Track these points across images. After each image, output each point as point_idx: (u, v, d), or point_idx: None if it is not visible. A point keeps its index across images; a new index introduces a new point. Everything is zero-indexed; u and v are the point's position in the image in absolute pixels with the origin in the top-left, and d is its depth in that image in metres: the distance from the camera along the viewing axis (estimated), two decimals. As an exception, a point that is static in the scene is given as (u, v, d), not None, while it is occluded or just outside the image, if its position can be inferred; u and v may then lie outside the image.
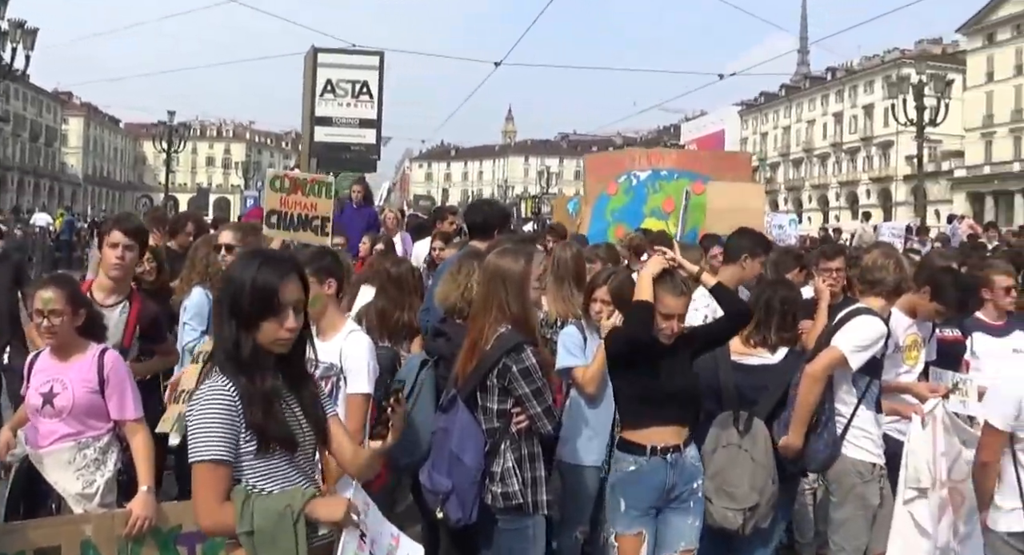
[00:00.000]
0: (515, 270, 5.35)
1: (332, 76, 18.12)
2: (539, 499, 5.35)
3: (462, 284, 6.03)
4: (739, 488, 5.74)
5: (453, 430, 5.32)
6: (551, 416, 5.32)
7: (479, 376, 5.29)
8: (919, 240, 21.07)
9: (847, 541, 6.07)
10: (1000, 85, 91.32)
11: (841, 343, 5.91)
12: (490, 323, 5.30)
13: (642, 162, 15.11)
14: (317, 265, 5.38)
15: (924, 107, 35.00)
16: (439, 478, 5.33)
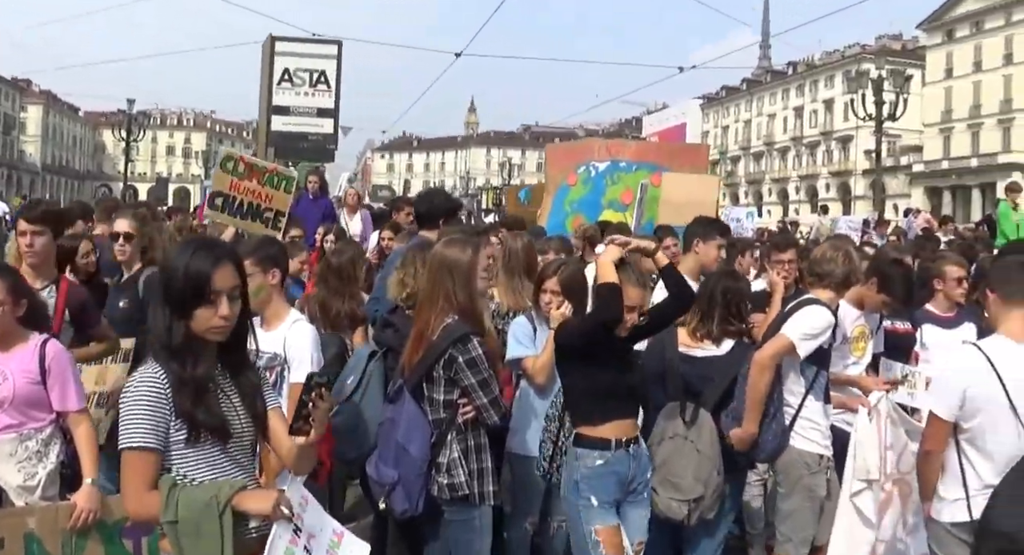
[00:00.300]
0: (462, 260, 5.30)
1: (290, 65, 17.98)
2: (485, 490, 5.31)
3: (411, 274, 5.98)
4: (684, 479, 5.72)
5: (400, 421, 5.27)
6: (498, 407, 5.28)
7: (425, 367, 5.24)
8: (877, 234, 21.18)
9: (794, 532, 6.08)
10: (959, 81, 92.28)
11: (789, 331, 5.90)
12: (436, 313, 5.25)
13: (602, 153, 15.05)
14: (261, 254, 5.32)
15: (883, 102, 35.17)
16: (385, 469, 5.29)
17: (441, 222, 7.83)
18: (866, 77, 38.19)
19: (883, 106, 35.10)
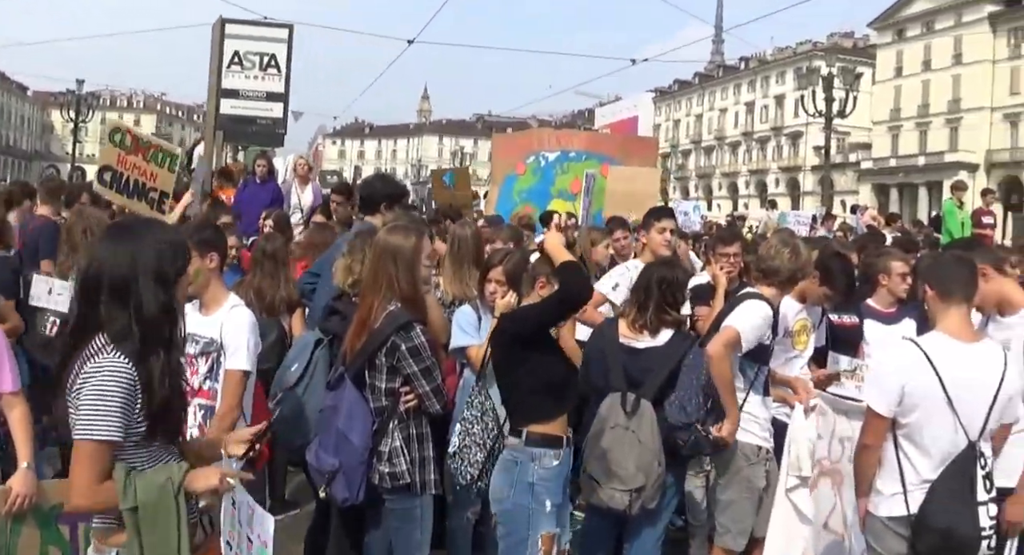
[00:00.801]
0: (405, 246, 5.25)
1: (240, 48, 17.78)
2: (427, 479, 5.28)
3: (358, 260, 5.94)
4: (626, 469, 5.72)
5: (341, 408, 5.22)
6: (440, 395, 5.25)
7: (367, 354, 5.19)
8: (825, 229, 21.35)
9: (733, 523, 6.14)
10: (908, 80, 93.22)
11: (734, 323, 5.92)
12: (379, 300, 5.20)
13: (551, 143, 15.10)
14: (199, 237, 5.25)
15: (833, 99, 35.52)
16: (325, 457, 5.23)
17: (383, 207, 7.78)
18: (817, 74, 38.53)
19: (833, 103, 35.44)
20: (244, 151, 21.79)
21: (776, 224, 23.43)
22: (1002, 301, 5.57)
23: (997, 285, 5.56)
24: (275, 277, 7.54)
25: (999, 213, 20.98)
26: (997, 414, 4.77)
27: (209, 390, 5.22)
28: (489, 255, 6.69)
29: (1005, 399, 4.76)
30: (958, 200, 19.28)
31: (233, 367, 5.11)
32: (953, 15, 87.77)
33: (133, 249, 3.37)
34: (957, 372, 4.78)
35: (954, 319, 4.88)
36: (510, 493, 5.13)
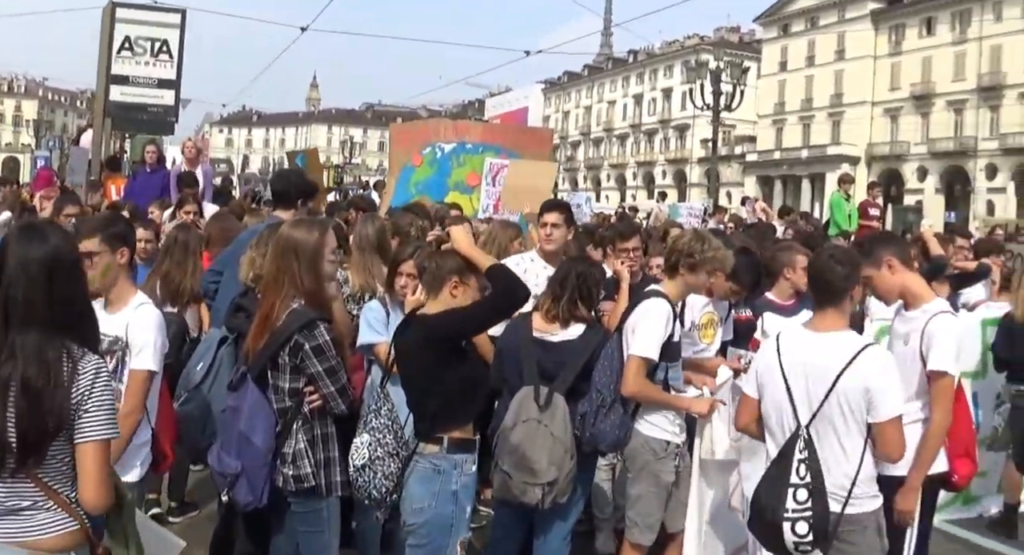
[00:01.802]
0: (307, 242, 5.09)
1: (131, 33, 17.36)
2: (333, 481, 5.13)
3: (263, 255, 5.80)
4: (538, 463, 5.69)
5: (242, 409, 5.04)
6: (345, 395, 5.10)
7: (270, 353, 5.02)
8: (715, 221, 21.59)
9: (640, 517, 6.17)
10: (792, 74, 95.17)
11: (634, 350, 5.95)
12: (282, 298, 5.04)
13: (448, 134, 15.03)
14: (109, 232, 5.05)
15: (720, 92, 35.98)
16: (228, 460, 5.07)
17: (299, 203, 7.67)
18: (704, 68, 38.89)
19: (720, 96, 35.89)
20: (131, 139, 21.34)
21: (667, 216, 23.66)
22: (906, 294, 5.66)
23: (901, 278, 5.63)
24: (183, 266, 7.45)
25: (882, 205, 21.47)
26: (838, 403, 4.81)
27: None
28: (399, 249, 6.60)
29: (852, 389, 4.78)
30: (845, 193, 19.65)
31: (138, 367, 4.94)
32: (836, 12, 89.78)
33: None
34: (797, 358, 4.96)
35: (819, 318, 5.07)
36: (432, 503, 4.98)
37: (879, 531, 4.94)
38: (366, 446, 5.02)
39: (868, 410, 4.79)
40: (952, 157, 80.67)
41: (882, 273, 5.59)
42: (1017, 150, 75.43)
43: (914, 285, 5.64)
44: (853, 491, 4.84)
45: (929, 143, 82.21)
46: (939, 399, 5.42)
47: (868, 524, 4.91)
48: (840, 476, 4.83)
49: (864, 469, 4.86)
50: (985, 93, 78.83)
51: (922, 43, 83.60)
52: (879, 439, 4.83)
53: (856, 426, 4.83)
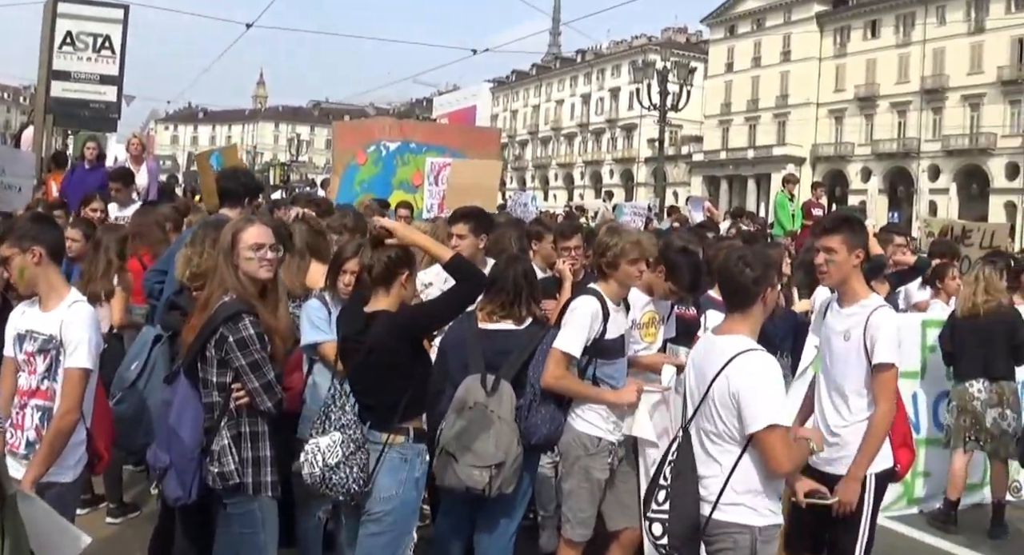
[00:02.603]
0: (224, 240, 5.07)
1: (72, 28, 17.08)
2: (263, 480, 5.03)
3: (199, 253, 5.75)
4: (484, 446, 5.71)
5: (174, 403, 5.04)
6: (271, 392, 5.00)
7: (199, 345, 4.99)
8: (672, 220, 21.67)
9: (572, 512, 6.18)
10: (738, 75, 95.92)
11: (556, 343, 6.00)
12: (217, 291, 5.02)
13: (392, 132, 14.97)
14: (18, 233, 4.99)
15: (667, 93, 36.13)
16: (160, 454, 5.04)
17: (246, 201, 7.61)
18: (652, 68, 39.05)
19: (667, 97, 36.04)
20: (74, 136, 21.06)
21: (612, 215, 23.74)
22: (847, 288, 5.58)
23: (852, 270, 5.57)
24: (95, 264, 7.55)
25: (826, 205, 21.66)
26: (712, 407, 4.74)
27: (47, 390, 4.95)
28: (341, 247, 6.54)
29: (721, 394, 4.69)
30: (789, 193, 19.80)
31: (73, 365, 4.86)
32: (782, 13, 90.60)
33: None
34: (694, 359, 5.02)
35: (726, 315, 5.02)
36: (399, 490, 5.06)
37: (752, 552, 4.72)
38: (339, 444, 4.98)
39: (740, 419, 4.65)
40: (895, 158, 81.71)
41: (849, 258, 5.47)
42: (959, 152, 76.63)
43: (856, 280, 5.58)
44: (723, 497, 4.71)
45: (873, 144, 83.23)
46: (884, 390, 5.41)
47: (740, 539, 4.71)
48: (711, 479, 4.76)
49: (739, 477, 4.70)
50: (928, 95, 79.90)
51: (866, 45, 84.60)
52: (759, 449, 4.66)
53: (728, 432, 4.71)
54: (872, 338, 5.36)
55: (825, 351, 5.74)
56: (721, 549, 4.75)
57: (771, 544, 4.79)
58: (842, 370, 5.52)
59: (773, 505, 4.79)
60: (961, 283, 9.69)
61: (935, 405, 9.44)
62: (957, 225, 17.61)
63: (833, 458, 5.44)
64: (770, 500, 4.76)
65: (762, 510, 4.72)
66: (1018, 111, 73.99)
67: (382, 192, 13.86)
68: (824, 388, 5.67)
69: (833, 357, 5.60)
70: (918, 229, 19.25)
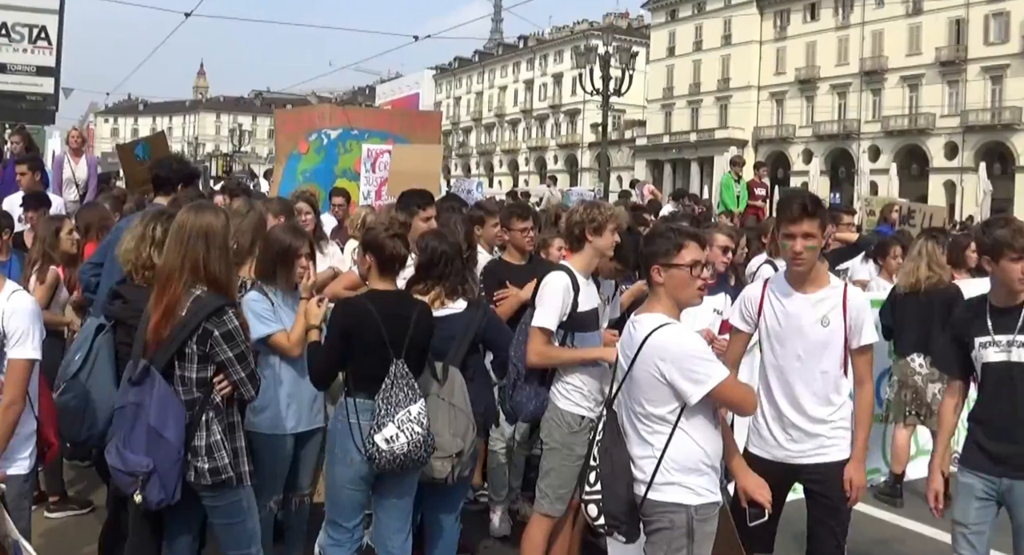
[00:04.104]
0: (215, 227, 5.04)
1: (7, 18, 16.81)
2: (243, 470, 5.08)
3: (147, 243, 5.67)
4: (442, 436, 5.74)
5: (149, 404, 4.88)
6: (255, 381, 5.07)
7: (178, 344, 4.92)
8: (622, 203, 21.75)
9: (552, 489, 6.17)
10: (680, 59, 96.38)
11: (534, 322, 6.09)
12: (185, 285, 4.96)
13: (334, 120, 14.81)
14: None
15: (609, 77, 36.21)
16: (136, 458, 4.88)
17: (179, 188, 7.52)
18: (594, 53, 39.17)
19: (609, 81, 36.12)
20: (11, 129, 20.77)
21: (560, 201, 23.76)
22: (816, 275, 5.38)
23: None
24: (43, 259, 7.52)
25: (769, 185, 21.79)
26: (640, 389, 4.72)
27: None
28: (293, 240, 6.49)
29: (649, 377, 4.67)
30: (736, 174, 19.92)
31: (18, 356, 4.77)
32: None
33: None
34: (623, 339, 4.98)
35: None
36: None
37: (688, 534, 4.68)
38: (426, 409, 5.52)
39: (677, 394, 4.62)
40: (836, 140, 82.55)
41: (821, 243, 5.34)
42: (899, 132, 77.62)
43: (821, 264, 5.42)
44: (656, 477, 4.68)
45: (814, 126, 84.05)
46: (869, 370, 5.46)
47: (676, 518, 4.68)
48: (645, 460, 4.73)
49: (672, 457, 4.67)
50: (867, 77, 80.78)
51: (806, 28, 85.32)
52: (721, 401, 4.71)
53: (657, 412, 4.69)
54: (856, 320, 5.29)
55: (789, 342, 5.37)
56: (658, 529, 4.72)
57: (709, 522, 4.75)
58: (819, 357, 5.32)
59: (709, 484, 4.75)
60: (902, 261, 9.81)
61: (879, 382, 9.53)
62: (902, 204, 17.82)
63: (826, 447, 5.36)
64: (706, 479, 4.74)
65: (698, 489, 4.70)
66: (956, 91, 74.98)
67: (325, 181, 13.74)
68: (796, 379, 5.37)
69: (809, 346, 5.32)
70: (860, 208, 19.44)
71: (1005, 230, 5.34)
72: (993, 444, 5.36)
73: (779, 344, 5.41)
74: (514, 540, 7.55)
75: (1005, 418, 5.33)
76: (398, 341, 5.46)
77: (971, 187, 51.69)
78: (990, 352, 5.37)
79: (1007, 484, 5.30)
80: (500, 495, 7.75)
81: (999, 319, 5.36)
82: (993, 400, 5.41)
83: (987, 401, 5.46)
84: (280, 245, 6.11)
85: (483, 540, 7.62)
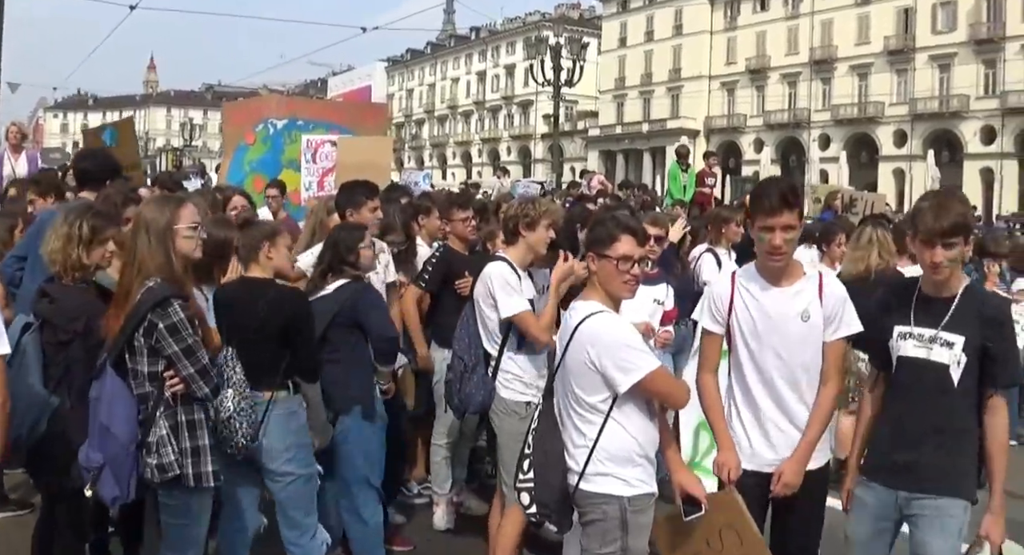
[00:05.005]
0: (158, 220, 4.96)
1: (-55, 13, 16.64)
2: (202, 471, 4.94)
3: (75, 243, 5.56)
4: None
5: (103, 399, 4.85)
6: (207, 377, 4.91)
7: (126, 336, 4.85)
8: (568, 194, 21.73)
9: (509, 476, 6.16)
10: (632, 50, 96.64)
11: (507, 313, 6.21)
12: (137, 277, 4.89)
13: (280, 110, 14.71)
14: None
15: (561, 68, 36.24)
16: (91, 453, 4.86)
17: (107, 183, 7.41)
18: (545, 44, 39.12)
19: (561, 72, 36.14)
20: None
21: (508, 191, 23.74)
22: (790, 268, 5.02)
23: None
24: None
25: (719, 175, 21.88)
26: (572, 377, 4.69)
27: None
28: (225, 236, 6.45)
29: (580, 365, 4.63)
30: (685, 164, 20.06)
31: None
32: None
33: None
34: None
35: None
36: (294, 439, 5.70)
37: (622, 525, 4.62)
38: (230, 399, 5.26)
39: (608, 383, 4.57)
40: (787, 129, 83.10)
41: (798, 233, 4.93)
42: (848, 121, 78.34)
43: (795, 260, 5.02)
44: (588, 467, 4.62)
45: (765, 115, 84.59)
46: (840, 363, 5.04)
47: (609, 509, 4.62)
48: (578, 450, 4.68)
49: (604, 448, 4.62)
50: (817, 66, 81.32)
51: (756, 18, 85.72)
52: (650, 394, 4.64)
53: (589, 401, 4.64)
54: (838, 310, 4.91)
55: (767, 339, 4.93)
56: (592, 520, 4.66)
57: (644, 514, 4.68)
58: (800, 354, 4.89)
59: (643, 475, 4.68)
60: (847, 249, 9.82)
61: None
62: (845, 192, 17.94)
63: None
64: (640, 470, 4.67)
65: (631, 480, 4.64)
66: (904, 80, 75.71)
67: (272, 172, 13.65)
68: (777, 378, 4.94)
69: (789, 342, 4.88)
70: (806, 196, 19.56)
71: (927, 205, 4.63)
72: (895, 451, 4.72)
73: (756, 342, 4.95)
74: (457, 532, 7.57)
75: (914, 422, 4.67)
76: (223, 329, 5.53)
77: (920, 174, 52.20)
78: (908, 344, 4.69)
79: (904, 498, 4.68)
80: (443, 489, 7.73)
81: (924, 309, 4.68)
82: (902, 399, 4.75)
83: (897, 399, 4.79)
84: (215, 239, 6.02)
85: (426, 533, 7.58)
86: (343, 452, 6.32)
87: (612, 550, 4.59)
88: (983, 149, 69.94)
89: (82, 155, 8.39)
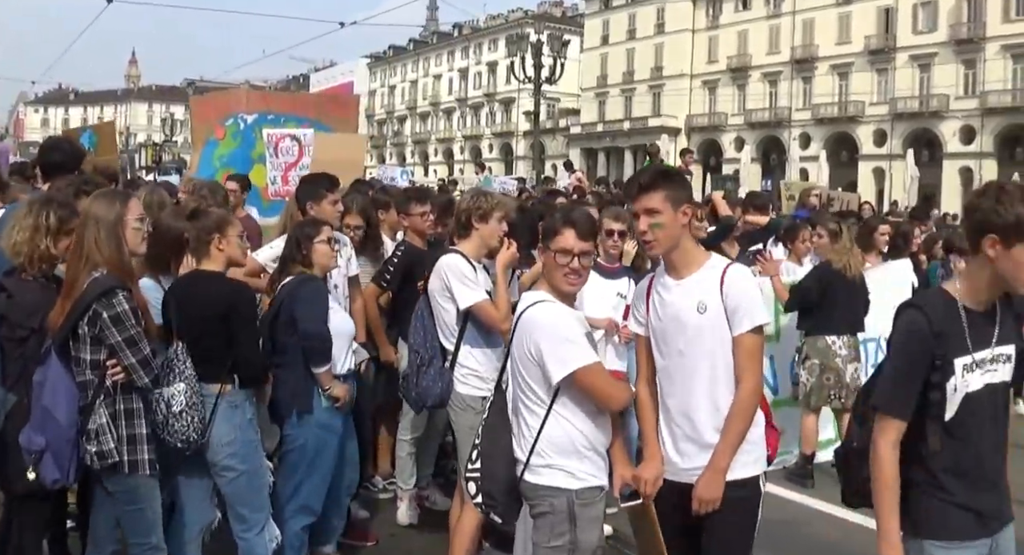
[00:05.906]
0: (107, 214, 5.08)
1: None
2: (140, 458, 5.07)
3: (42, 234, 5.51)
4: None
5: (45, 383, 4.99)
6: (148, 367, 5.05)
7: (71, 323, 4.98)
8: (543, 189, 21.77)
9: None
10: (614, 48, 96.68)
11: (465, 303, 6.27)
12: (84, 268, 5.00)
13: (251, 104, 14.56)
14: None
15: (543, 66, 36.25)
16: (34, 436, 4.98)
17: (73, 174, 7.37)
18: (526, 41, 39.15)
19: (542, 70, 36.15)
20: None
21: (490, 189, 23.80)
22: (685, 254, 4.68)
23: (685, 233, 4.72)
24: None
25: (698, 173, 21.94)
26: (518, 366, 4.65)
27: None
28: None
29: (524, 354, 4.58)
30: (658, 161, 20.09)
31: None
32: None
33: None
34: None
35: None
36: (238, 434, 5.58)
37: (570, 518, 4.49)
38: (183, 393, 5.27)
39: (544, 374, 4.49)
40: (767, 127, 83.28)
41: (677, 217, 4.50)
42: (829, 120, 78.55)
43: (690, 242, 4.64)
44: (532, 459, 4.53)
45: (746, 114, 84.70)
46: (753, 360, 4.56)
47: (556, 503, 4.51)
48: (524, 440, 4.61)
49: (548, 439, 4.52)
50: (798, 65, 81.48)
51: (738, 17, 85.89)
52: (582, 391, 4.51)
53: (532, 391, 4.57)
54: (734, 301, 4.46)
55: (671, 338, 4.60)
56: (541, 513, 4.56)
57: (592, 507, 4.56)
58: (701, 351, 4.53)
59: (592, 468, 4.56)
60: (814, 244, 9.88)
61: (791, 365, 9.54)
62: (822, 191, 17.99)
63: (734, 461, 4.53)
64: (587, 463, 4.56)
65: (578, 473, 4.52)
66: (885, 79, 75.89)
67: (243, 167, 13.51)
68: (681, 379, 4.60)
69: (688, 339, 4.53)
70: (782, 193, 19.62)
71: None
72: (978, 498, 3.82)
73: (663, 342, 4.64)
74: (421, 528, 7.56)
75: (989, 455, 3.86)
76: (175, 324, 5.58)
77: (899, 174, 52.32)
78: (975, 377, 3.78)
79: (996, 536, 3.91)
80: (407, 484, 7.71)
81: (977, 329, 3.80)
82: (964, 439, 3.80)
83: (964, 442, 3.80)
84: (173, 232, 6.00)
85: (390, 528, 7.58)
86: (286, 459, 6.25)
87: (560, 543, 4.50)
88: (962, 149, 70.15)
89: (49, 146, 8.26)
